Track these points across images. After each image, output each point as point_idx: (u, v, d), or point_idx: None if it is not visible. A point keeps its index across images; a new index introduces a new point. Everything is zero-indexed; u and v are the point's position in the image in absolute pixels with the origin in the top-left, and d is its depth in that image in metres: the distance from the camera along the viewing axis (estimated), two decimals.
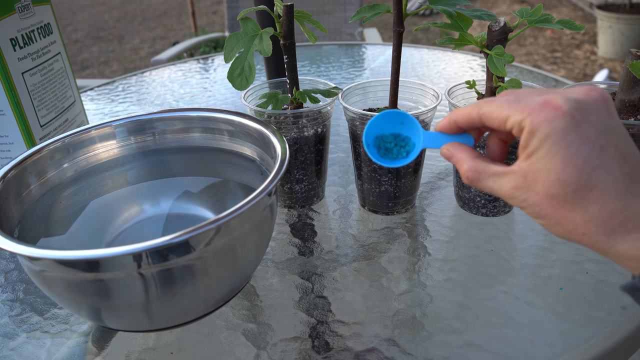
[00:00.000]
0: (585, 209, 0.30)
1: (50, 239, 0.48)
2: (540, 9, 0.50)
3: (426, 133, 0.39)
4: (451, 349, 0.42)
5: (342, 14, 1.89)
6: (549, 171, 0.31)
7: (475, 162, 0.36)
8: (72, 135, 0.52)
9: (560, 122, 0.30)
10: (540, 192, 0.31)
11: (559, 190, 0.31)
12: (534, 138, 0.31)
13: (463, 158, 0.36)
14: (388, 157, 0.41)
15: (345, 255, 0.54)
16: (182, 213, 0.56)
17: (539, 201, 0.32)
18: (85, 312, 0.41)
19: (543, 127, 0.31)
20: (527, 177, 0.32)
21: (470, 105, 0.36)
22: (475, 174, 0.35)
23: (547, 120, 0.31)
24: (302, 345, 0.44)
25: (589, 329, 0.44)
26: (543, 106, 0.31)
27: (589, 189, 0.30)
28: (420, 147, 0.40)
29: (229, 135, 0.54)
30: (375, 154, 0.41)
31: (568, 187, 0.30)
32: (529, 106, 0.32)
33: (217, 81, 1.12)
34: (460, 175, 0.37)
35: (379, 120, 0.41)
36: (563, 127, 0.30)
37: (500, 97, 0.34)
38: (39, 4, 0.66)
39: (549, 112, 0.31)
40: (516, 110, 0.32)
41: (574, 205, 0.30)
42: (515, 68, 1.07)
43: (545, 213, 0.32)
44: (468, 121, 0.36)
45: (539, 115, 0.31)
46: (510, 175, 0.33)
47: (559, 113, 0.30)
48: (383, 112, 0.41)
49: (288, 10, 0.52)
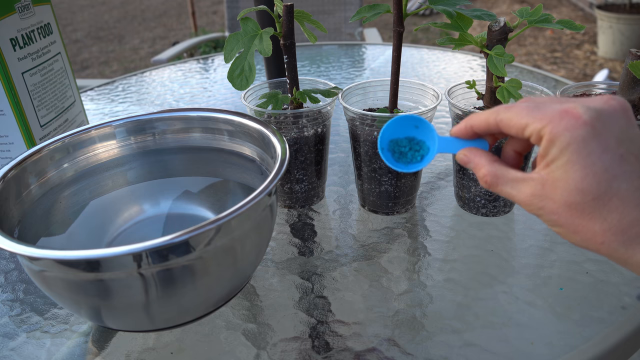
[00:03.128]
0: (604, 218, 0.30)
1: (50, 238, 0.48)
2: (540, 9, 0.50)
3: (441, 138, 0.39)
4: (451, 349, 0.42)
5: (342, 14, 1.89)
6: (568, 180, 0.31)
7: (494, 167, 0.35)
8: (72, 135, 0.52)
9: (581, 131, 0.30)
10: (558, 201, 0.31)
11: (577, 199, 0.30)
12: (553, 147, 0.31)
13: (481, 162, 0.36)
14: (402, 161, 0.41)
15: (345, 255, 0.54)
16: (182, 213, 0.56)
17: (557, 209, 0.31)
18: (85, 312, 0.41)
19: (563, 136, 0.30)
20: (545, 185, 0.32)
21: (487, 110, 0.36)
22: (494, 179, 0.35)
23: (568, 130, 0.30)
24: (302, 345, 0.44)
25: (589, 329, 0.44)
26: (563, 115, 0.31)
27: (608, 198, 0.30)
28: (436, 152, 0.39)
29: (229, 135, 0.54)
30: (389, 158, 0.41)
31: (587, 196, 0.30)
32: (549, 115, 0.31)
33: (217, 81, 1.12)
34: (478, 179, 0.36)
35: (393, 124, 0.40)
36: (584, 137, 0.30)
37: (519, 104, 0.34)
38: (39, 4, 0.66)
39: (569, 121, 0.31)
40: (535, 118, 0.32)
41: (592, 214, 0.30)
42: (515, 68, 1.07)
43: (563, 221, 0.32)
44: (485, 127, 0.36)
45: (559, 124, 0.31)
46: (528, 182, 0.33)
47: (579, 122, 0.30)
48: (397, 117, 0.40)
49: (288, 10, 0.52)
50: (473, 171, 0.37)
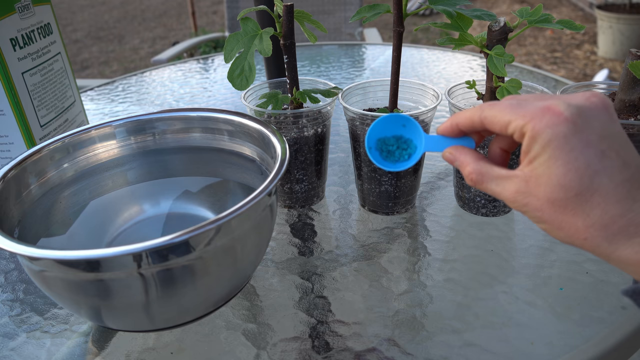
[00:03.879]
0: (587, 214, 0.30)
1: (50, 239, 0.48)
2: (540, 9, 0.50)
3: (427, 136, 0.40)
4: (451, 349, 0.42)
5: (342, 14, 1.89)
6: (550, 176, 0.31)
7: (479, 165, 0.36)
8: (72, 135, 0.52)
9: (562, 127, 0.30)
10: (542, 197, 0.32)
11: (560, 195, 0.31)
12: (535, 143, 0.31)
13: (467, 160, 0.37)
14: (390, 160, 0.41)
15: (345, 255, 0.54)
16: (182, 213, 0.56)
17: (541, 206, 0.32)
18: (85, 312, 0.41)
19: (545, 133, 0.31)
20: (529, 182, 0.32)
21: (472, 108, 0.36)
22: (479, 176, 0.35)
23: (549, 126, 0.31)
24: (302, 345, 0.44)
25: (589, 329, 0.44)
26: (545, 112, 0.31)
27: (590, 194, 0.30)
28: (422, 150, 0.40)
29: (229, 135, 0.54)
30: (377, 157, 0.41)
31: (570, 192, 0.30)
32: (531, 112, 0.32)
33: (217, 81, 1.12)
34: (464, 177, 0.37)
35: (380, 123, 0.41)
36: (565, 133, 0.30)
37: (503, 101, 0.34)
38: (39, 4, 0.66)
39: (551, 117, 0.31)
40: (518, 115, 0.32)
41: (575, 210, 0.31)
42: (515, 68, 1.07)
43: (546, 218, 0.32)
44: (470, 124, 0.36)
45: (541, 121, 0.31)
46: (512, 179, 0.33)
47: (560, 119, 0.31)
48: (385, 116, 0.40)
49: (288, 10, 0.52)
50: (459, 169, 0.37)
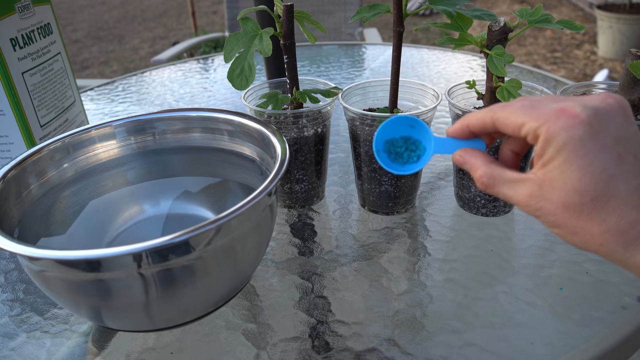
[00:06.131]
0: (602, 219, 0.30)
1: (50, 238, 0.48)
2: (540, 9, 0.50)
3: (437, 138, 0.39)
4: (451, 349, 0.42)
5: (342, 14, 1.89)
6: (565, 180, 0.30)
7: (490, 168, 0.35)
8: (72, 135, 0.52)
9: (578, 130, 0.30)
10: (556, 202, 0.31)
11: (575, 200, 0.30)
12: (550, 146, 0.30)
13: (477, 164, 0.36)
14: (398, 162, 0.40)
15: (345, 255, 0.54)
16: (182, 213, 0.56)
17: (555, 210, 0.31)
18: (85, 312, 0.41)
19: (560, 136, 0.30)
20: (542, 186, 0.31)
21: (483, 109, 0.35)
22: (490, 180, 0.34)
23: (564, 129, 0.30)
24: (302, 345, 0.44)
25: (589, 329, 0.44)
26: (560, 114, 0.30)
27: (606, 199, 0.29)
28: (432, 152, 0.39)
29: (229, 135, 0.54)
30: (385, 159, 0.40)
31: (585, 197, 0.30)
32: (545, 114, 0.31)
33: (217, 81, 1.12)
34: (475, 180, 0.36)
35: (389, 125, 0.40)
36: (580, 136, 0.29)
37: (515, 102, 0.33)
38: (39, 4, 0.66)
39: (566, 120, 0.30)
40: (532, 117, 0.31)
41: (590, 215, 0.30)
42: (515, 68, 1.07)
43: (561, 222, 0.31)
44: (481, 126, 0.35)
45: (556, 124, 0.30)
46: (525, 182, 0.32)
47: (576, 121, 0.30)
48: (392, 118, 0.40)
49: (288, 10, 0.52)
50: (469, 172, 0.37)
